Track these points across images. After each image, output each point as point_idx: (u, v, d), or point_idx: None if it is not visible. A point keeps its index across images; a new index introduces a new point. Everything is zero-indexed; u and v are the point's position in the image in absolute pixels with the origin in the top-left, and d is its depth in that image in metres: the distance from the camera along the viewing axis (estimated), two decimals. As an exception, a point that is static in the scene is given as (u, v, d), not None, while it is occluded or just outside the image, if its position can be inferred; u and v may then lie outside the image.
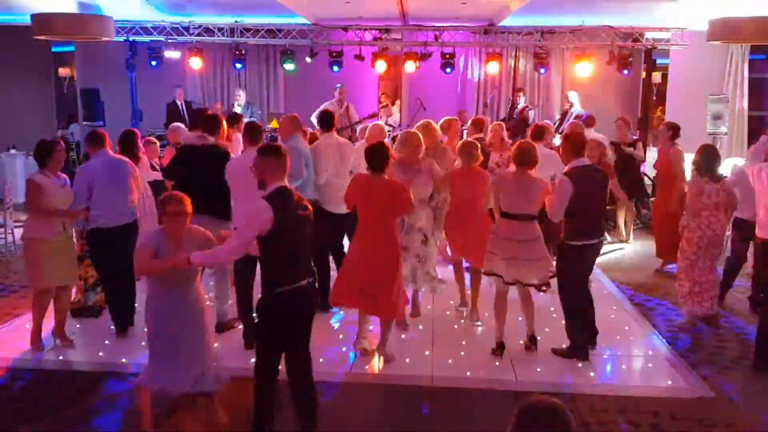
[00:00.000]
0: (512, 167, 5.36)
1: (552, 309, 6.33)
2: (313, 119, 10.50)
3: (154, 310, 4.06)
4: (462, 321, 6.21)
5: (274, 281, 3.75)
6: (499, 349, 5.39)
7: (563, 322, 5.56)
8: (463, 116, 11.61)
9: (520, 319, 5.64)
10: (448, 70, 11.46)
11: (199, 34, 11.55)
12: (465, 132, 10.89)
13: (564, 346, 5.46)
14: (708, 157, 5.93)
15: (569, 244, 5.30)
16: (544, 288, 5.35)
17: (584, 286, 5.47)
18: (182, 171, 5.78)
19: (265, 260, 3.82)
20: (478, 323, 6.08)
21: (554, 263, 5.43)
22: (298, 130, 6.21)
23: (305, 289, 3.83)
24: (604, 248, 7.75)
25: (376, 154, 5.11)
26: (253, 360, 3.95)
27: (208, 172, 5.55)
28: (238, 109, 11.46)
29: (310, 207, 3.97)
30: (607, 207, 7.91)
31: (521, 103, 11.08)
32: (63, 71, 13.05)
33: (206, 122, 6.14)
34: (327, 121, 6.47)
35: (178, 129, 7.74)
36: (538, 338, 5.57)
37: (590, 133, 8.58)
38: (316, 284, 4.54)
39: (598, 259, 5.82)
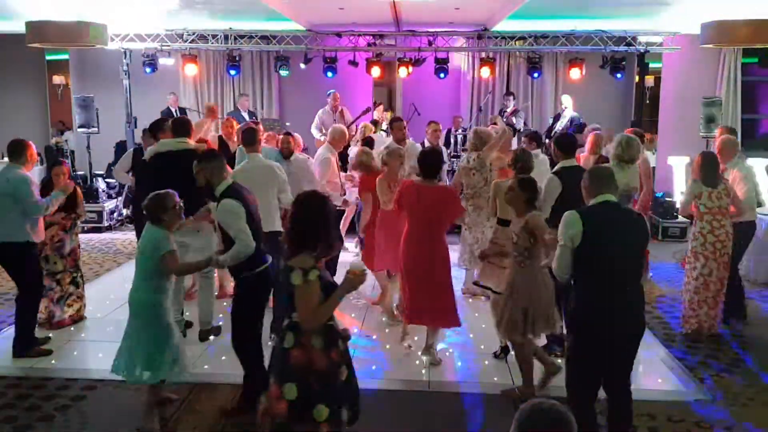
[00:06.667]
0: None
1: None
2: (313, 130, 10.47)
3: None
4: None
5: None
6: (503, 352, 5.37)
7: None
8: (456, 122, 11.63)
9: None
10: (442, 75, 11.47)
11: (193, 41, 11.53)
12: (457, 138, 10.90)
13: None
14: None
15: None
16: None
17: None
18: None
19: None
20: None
21: None
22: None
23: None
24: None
25: (429, 160, 5.16)
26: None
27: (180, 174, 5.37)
28: (245, 115, 11.41)
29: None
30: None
31: (510, 106, 11.12)
32: (57, 79, 12.98)
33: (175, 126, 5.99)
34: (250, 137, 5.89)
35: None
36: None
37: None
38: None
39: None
